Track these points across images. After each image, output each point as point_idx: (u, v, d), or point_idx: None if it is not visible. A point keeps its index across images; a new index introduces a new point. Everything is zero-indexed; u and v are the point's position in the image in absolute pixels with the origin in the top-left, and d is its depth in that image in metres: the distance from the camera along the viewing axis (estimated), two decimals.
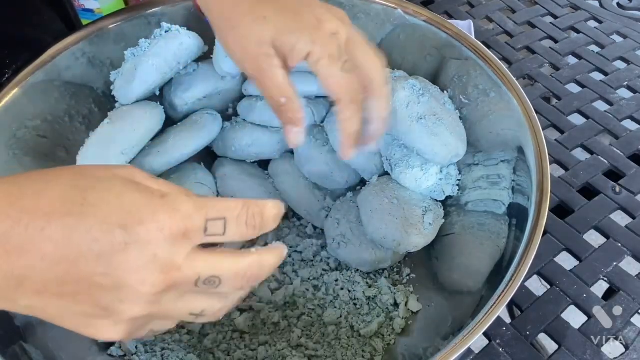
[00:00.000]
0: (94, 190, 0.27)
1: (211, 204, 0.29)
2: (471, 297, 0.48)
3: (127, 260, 0.26)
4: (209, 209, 0.29)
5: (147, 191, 0.28)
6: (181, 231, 0.28)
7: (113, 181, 0.28)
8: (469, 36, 0.54)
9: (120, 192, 0.27)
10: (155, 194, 0.28)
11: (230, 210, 0.29)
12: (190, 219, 0.28)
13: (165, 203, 0.28)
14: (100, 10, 0.76)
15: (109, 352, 0.48)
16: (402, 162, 0.53)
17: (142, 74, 0.52)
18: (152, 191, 0.28)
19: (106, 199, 0.27)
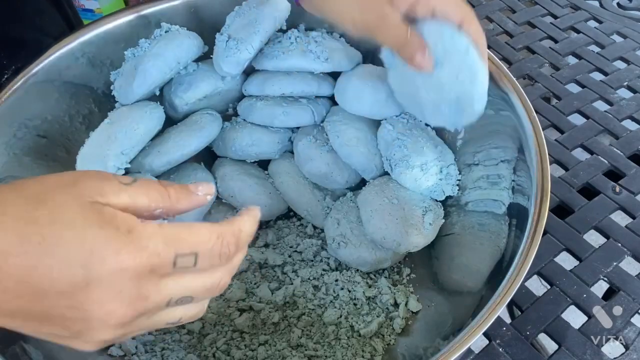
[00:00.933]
0: (52, 226, 0.25)
1: (183, 236, 0.28)
2: (471, 297, 0.48)
3: (90, 297, 0.26)
4: (179, 243, 0.27)
5: (111, 225, 0.26)
6: (147, 269, 0.27)
7: (74, 212, 0.26)
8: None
9: (82, 227, 0.25)
10: (121, 228, 0.26)
11: (203, 244, 0.28)
12: (158, 257, 0.27)
13: (131, 241, 0.26)
14: (100, 10, 0.76)
15: (109, 352, 0.48)
16: (402, 162, 0.53)
17: (142, 74, 0.52)
18: (117, 225, 0.26)
19: (65, 238, 0.25)
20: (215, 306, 0.53)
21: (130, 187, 0.28)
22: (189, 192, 0.31)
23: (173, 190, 0.30)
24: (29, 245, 0.25)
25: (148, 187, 0.29)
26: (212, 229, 0.29)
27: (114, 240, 0.26)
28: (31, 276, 0.25)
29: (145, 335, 0.51)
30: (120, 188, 0.28)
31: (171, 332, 0.51)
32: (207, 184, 0.32)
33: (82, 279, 0.25)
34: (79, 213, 0.26)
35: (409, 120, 0.57)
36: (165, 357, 0.49)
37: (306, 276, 0.55)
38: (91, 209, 0.26)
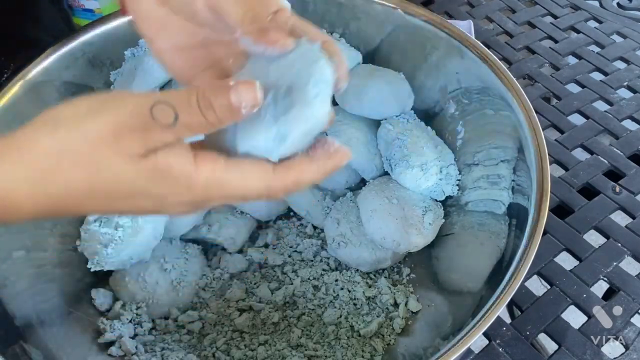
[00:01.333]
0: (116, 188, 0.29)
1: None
2: (471, 297, 0.48)
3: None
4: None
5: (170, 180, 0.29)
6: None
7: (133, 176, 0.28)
8: (469, 36, 0.54)
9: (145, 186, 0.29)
10: (181, 181, 0.29)
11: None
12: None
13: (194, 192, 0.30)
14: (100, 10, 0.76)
15: (109, 352, 0.48)
16: (402, 162, 0.53)
17: (142, 74, 0.52)
18: (177, 177, 0.29)
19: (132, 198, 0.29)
20: (215, 306, 0.53)
21: (172, 133, 0.28)
22: (232, 113, 0.29)
23: (215, 118, 0.28)
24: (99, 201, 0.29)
25: (190, 124, 0.28)
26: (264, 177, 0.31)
27: (176, 191, 0.29)
28: (111, 206, 0.30)
29: (145, 335, 0.51)
30: (163, 134, 0.28)
31: (171, 332, 0.51)
32: (253, 92, 0.29)
33: (149, 210, 0.31)
34: (137, 176, 0.28)
35: (409, 120, 0.57)
36: (165, 357, 0.49)
37: (306, 276, 0.55)
38: (146, 168, 0.28)
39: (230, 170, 0.30)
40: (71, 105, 0.29)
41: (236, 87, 0.28)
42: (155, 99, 0.27)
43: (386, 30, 0.58)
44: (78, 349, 0.48)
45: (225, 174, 0.30)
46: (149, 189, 0.29)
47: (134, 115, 0.28)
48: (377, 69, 0.57)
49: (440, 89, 0.57)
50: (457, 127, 0.56)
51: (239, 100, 0.28)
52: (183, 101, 0.28)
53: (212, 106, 0.28)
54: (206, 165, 0.29)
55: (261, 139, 0.30)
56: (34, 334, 0.45)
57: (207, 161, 0.29)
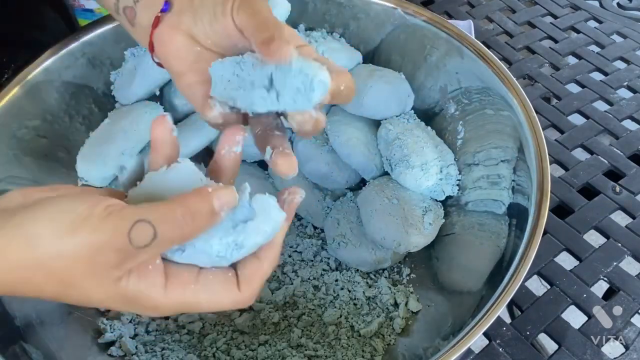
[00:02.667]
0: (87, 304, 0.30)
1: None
2: (471, 297, 0.48)
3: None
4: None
5: (137, 307, 0.30)
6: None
7: (102, 297, 0.29)
8: (469, 36, 0.54)
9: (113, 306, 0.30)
10: (147, 307, 0.30)
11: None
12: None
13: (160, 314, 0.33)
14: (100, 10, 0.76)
15: (109, 352, 0.48)
16: (402, 162, 0.53)
17: (142, 74, 0.52)
18: (144, 305, 0.30)
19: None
20: None
21: (148, 252, 0.28)
22: (212, 218, 0.29)
23: (192, 229, 0.29)
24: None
25: (166, 242, 0.28)
26: (233, 295, 0.31)
27: (144, 313, 0.31)
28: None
29: (145, 335, 0.51)
30: (137, 256, 0.28)
31: (171, 332, 0.51)
32: (232, 197, 0.30)
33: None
34: (107, 299, 0.29)
35: (409, 120, 0.57)
36: (165, 357, 0.49)
37: (306, 276, 0.55)
38: (117, 294, 0.29)
39: (199, 293, 0.30)
40: (48, 207, 0.27)
41: (216, 192, 0.29)
42: (137, 217, 0.27)
43: (386, 30, 0.58)
44: (78, 349, 0.48)
45: (194, 298, 0.30)
46: (117, 308, 0.30)
47: (112, 239, 0.27)
48: (377, 69, 0.57)
49: (440, 89, 0.57)
50: (457, 127, 0.56)
51: (221, 204, 0.29)
52: (166, 214, 0.28)
53: (193, 216, 0.28)
54: (176, 290, 0.30)
55: (215, 244, 0.30)
56: (34, 334, 0.44)
57: (177, 286, 0.30)
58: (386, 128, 0.55)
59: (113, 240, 0.27)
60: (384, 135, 0.55)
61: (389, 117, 0.56)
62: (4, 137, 0.49)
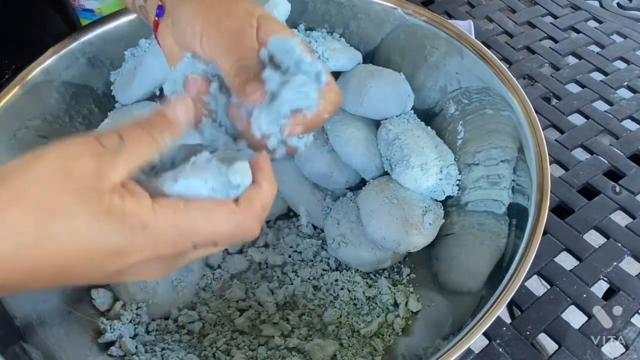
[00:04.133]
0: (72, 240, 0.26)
1: (199, 226, 0.29)
2: (471, 297, 0.48)
3: (125, 277, 0.29)
4: (197, 236, 0.29)
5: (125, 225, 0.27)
6: (170, 255, 0.29)
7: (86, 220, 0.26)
8: (469, 36, 0.54)
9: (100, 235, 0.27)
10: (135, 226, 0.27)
11: (221, 235, 0.29)
12: (177, 247, 0.29)
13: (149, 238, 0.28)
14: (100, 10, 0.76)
15: (109, 352, 0.48)
16: (402, 162, 0.53)
17: (142, 74, 0.52)
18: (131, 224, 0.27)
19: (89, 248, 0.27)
20: (215, 306, 0.53)
21: (122, 151, 0.27)
22: (172, 124, 0.30)
23: (157, 133, 0.29)
24: (54, 261, 0.26)
25: (136, 143, 0.28)
26: (231, 216, 0.29)
27: (133, 241, 0.27)
28: (65, 279, 0.28)
29: (145, 335, 0.51)
30: (113, 160, 0.27)
31: (171, 332, 0.51)
32: (183, 103, 0.30)
33: (114, 271, 0.28)
34: (93, 219, 0.26)
35: (409, 120, 0.57)
36: (165, 357, 0.49)
37: (306, 276, 0.55)
38: (102, 211, 0.26)
39: (191, 212, 0.28)
40: (17, 159, 0.27)
41: (169, 103, 0.30)
42: (98, 133, 0.28)
43: (386, 30, 0.58)
44: (78, 349, 0.48)
45: (186, 220, 0.28)
46: (105, 240, 0.27)
47: (80, 150, 0.27)
48: (377, 69, 0.57)
49: (440, 89, 0.57)
50: (457, 127, 0.56)
51: (173, 111, 0.30)
52: (125, 127, 0.28)
53: (152, 124, 0.29)
54: (164, 210, 0.28)
55: (209, 179, 0.29)
56: (34, 334, 0.45)
57: (166, 206, 0.28)
58: (386, 128, 0.55)
59: (84, 147, 0.27)
60: (384, 135, 0.55)
61: (389, 117, 0.56)
62: (4, 137, 0.49)
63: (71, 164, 0.26)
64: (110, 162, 0.27)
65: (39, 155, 0.27)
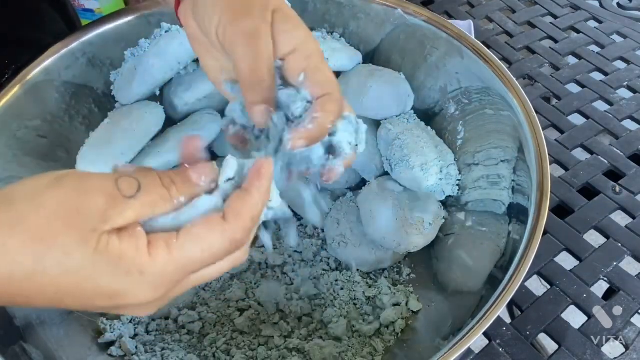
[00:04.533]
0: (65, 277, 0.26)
1: (196, 258, 0.28)
2: (471, 297, 0.48)
3: (123, 310, 0.29)
4: (194, 266, 0.28)
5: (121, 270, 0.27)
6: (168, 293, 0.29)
7: (82, 259, 0.26)
8: (469, 36, 0.54)
9: (94, 276, 0.26)
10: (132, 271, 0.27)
11: (219, 258, 0.29)
12: (176, 283, 0.29)
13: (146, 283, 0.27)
14: (100, 10, 0.76)
15: (109, 352, 0.48)
16: (402, 162, 0.53)
17: (142, 74, 0.52)
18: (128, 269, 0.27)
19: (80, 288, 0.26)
20: (215, 306, 0.53)
21: (135, 201, 0.27)
22: (192, 187, 0.29)
23: (176, 191, 0.29)
24: (46, 294, 0.26)
25: (151, 196, 0.28)
26: (224, 234, 0.28)
27: (130, 286, 0.27)
28: (57, 307, 0.28)
29: (145, 335, 0.51)
30: (124, 207, 0.27)
31: (171, 332, 0.51)
32: (210, 169, 0.30)
33: (108, 309, 0.28)
34: (87, 260, 0.26)
35: (409, 120, 0.57)
36: (165, 357, 0.49)
37: (306, 276, 0.55)
38: (98, 249, 0.26)
39: (184, 244, 0.28)
40: (30, 180, 0.27)
41: (195, 166, 0.30)
42: (120, 173, 0.27)
43: (386, 30, 0.58)
44: (78, 349, 0.48)
45: (181, 253, 0.28)
46: (98, 282, 0.26)
47: (96, 187, 0.27)
48: (377, 69, 0.57)
49: (440, 89, 0.57)
50: (457, 127, 0.56)
51: (198, 176, 0.29)
52: (147, 176, 0.28)
53: (173, 182, 0.29)
54: (159, 249, 0.27)
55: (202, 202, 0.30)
56: (34, 334, 0.45)
57: (160, 244, 0.27)
58: (386, 128, 0.55)
59: (101, 185, 0.27)
60: (384, 135, 0.55)
61: (389, 117, 0.56)
62: (4, 137, 0.49)
63: (82, 201, 0.26)
64: (120, 208, 0.27)
65: (54, 183, 0.26)
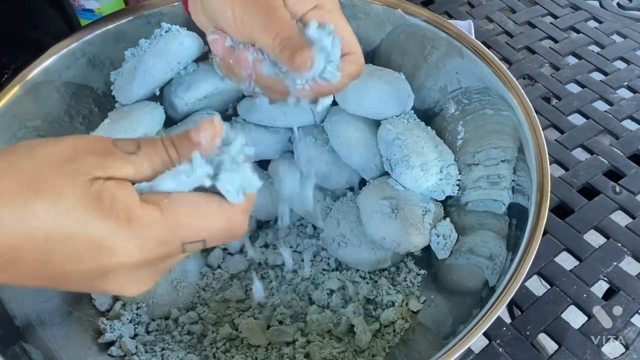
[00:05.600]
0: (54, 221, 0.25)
1: (188, 222, 0.27)
2: (471, 297, 0.48)
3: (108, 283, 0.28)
4: (185, 231, 0.27)
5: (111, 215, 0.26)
6: (157, 257, 0.27)
7: (73, 201, 0.25)
8: (469, 36, 0.54)
9: (84, 220, 0.25)
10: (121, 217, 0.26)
11: (212, 228, 0.28)
12: (165, 246, 0.27)
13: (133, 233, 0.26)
14: (100, 10, 0.76)
15: (109, 352, 0.48)
16: (402, 162, 0.53)
17: (142, 74, 0.52)
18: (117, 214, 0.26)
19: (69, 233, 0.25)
20: (215, 306, 0.53)
21: (135, 157, 0.27)
22: (191, 145, 0.28)
23: (174, 152, 0.28)
24: (35, 241, 0.25)
25: (151, 156, 0.27)
26: (221, 210, 0.28)
27: (117, 233, 0.26)
28: (45, 269, 0.26)
29: (145, 335, 0.51)
30: (123, 161, 0.27)
31: (171, 332, 0.51)
32: (208, 124, 0.28)
33: (96, 271, 0.26)
34: (78, 202, 0.25)
35: (409, 120, 0.57)
36: (165, 357, 0.49)
37: (306, 276, 0.55)
38: (89, 194, 0.25)
39: (176, 205, 0.27)
40: (25, 141, 0.27)
41: (198, 125, 0.28)
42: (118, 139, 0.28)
43: (386, 30, 0.58)
44: (78, 349, 0.48)
45: (172, 213, 0.27)
46: (87, 225, 0.25)
47: (96, 141, 0.27)
48: (377, 69, 0.57)
49: (440, 89, 0.57)
50: (457, 127, 0.56)
51: (198, 135, 0.28)
52: (147, 139, 0.28)
53: (173, 143, 0.28)
54: (151, 204, 0.26)
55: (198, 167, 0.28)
56: (34, 334, 0.45)
57: (152, 199, 0.27)
58: (386, 128, 0.55)
59: (98, 142, 0.27)
60: (384, 135, 0.55)
61: (389, 117, 0.56)
62: (4, 137, 0.49)
63: (76, 152, 0.26)
64: (119, 162, 0.26)
65: (49, 141, 0.26)
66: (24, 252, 0.25)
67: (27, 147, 0.26)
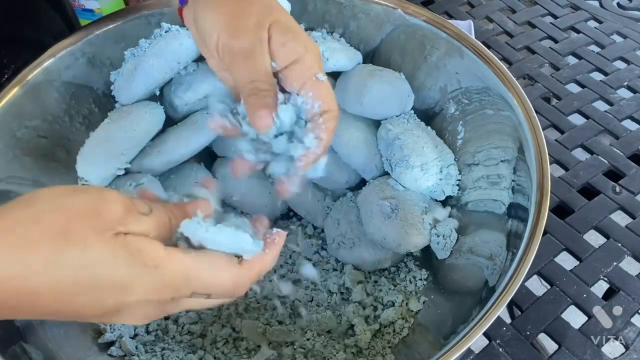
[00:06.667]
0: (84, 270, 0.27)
1: (204, 278, 0.31)
2: (471, 297, 0.48)
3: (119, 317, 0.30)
4: (199, 284, 0.31)
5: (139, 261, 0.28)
6: (168, 299, 0.30)
7: (102, 251, 0.28)
8: (469, 36, 0.54)
9: (113, 266, 0.28)
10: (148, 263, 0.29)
11: (220, 290, 0.32)
12: (178, 291, 0.30)
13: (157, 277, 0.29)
14: (100, 10, 0.76)
15: (109, 352, 0.48)
16: (402, 162, 0.53)
17: (142, 74, 0.52)
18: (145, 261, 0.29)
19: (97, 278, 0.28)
20: (215, 306, 0.53)
21: (147, 218, 0.30)
22: (188, 216, 0.33)
23: (175, 220, 0.32)
24: (62, 286, 0.27)
25: (159, 220, 0.31)
26: (232, 274, 0.32)
27: (143, 279, 0.28)
28: (64, 310, 0.28)
29: (145, 336, 0.51)
30: (140, 220, 0.29)
31: (171, 332, 0.51)
32: (205, 203, 0.34)
33: (113, 307, 0.29)
34: (107, 251, 0.27)
35: (409, 120, 0.57)
36: (165, 357, 0.49)
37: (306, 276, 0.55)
38: (117, 242, 0.28)
39: (199, 261, 0.30)
40: (48, 188, 0.29)
41: (195, 202, 0.34)
42: (133, 196, 0.31)
43: (386, 30, 0.58)
44: (78, 349, 0.48)
45: (194, 265, 0.30)
46: (115, 271, 0.28)
47: (115, 197, 0.29)
48: (377, 69, 0.57)
49: (440, 89, 0.57)
50: (457, 127, 0.56)
51: (193, 210, 0.33)
52: (156, 203, 0.32)
53: (173, 213, 0.32)
54: (177, 253, 0.30)
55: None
56: (34, 334, 0.44)
57: (178, 250, 0.30)
58: (386, 128, 0.55)
59: (121, 198, 0.29)
60: (384, 135, 0.55)
61: (389, 117, 0.56)
62: (4, 137, 0.49)
63: (102, 205, 0.28)
64: (137, 219, 0.29)
65: (74, 190, 0.29)
66: (45, 299, 0.27)
67: (50, 197, 0.28)
